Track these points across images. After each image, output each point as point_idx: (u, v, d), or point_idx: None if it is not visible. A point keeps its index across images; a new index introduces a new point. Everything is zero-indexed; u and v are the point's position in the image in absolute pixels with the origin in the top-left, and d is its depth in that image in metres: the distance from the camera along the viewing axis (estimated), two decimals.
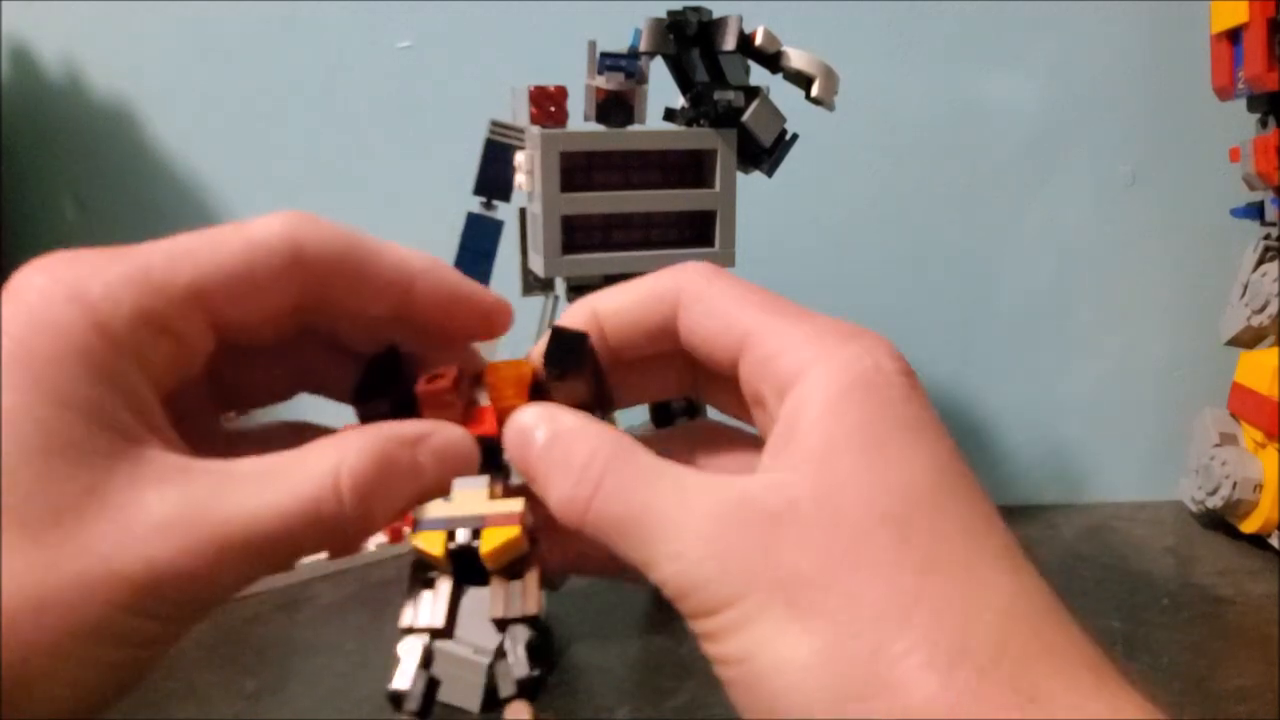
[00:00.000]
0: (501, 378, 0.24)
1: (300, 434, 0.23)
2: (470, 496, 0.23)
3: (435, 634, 0.23)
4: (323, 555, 0.61)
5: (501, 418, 0.24)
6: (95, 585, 0.17)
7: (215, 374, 0.22)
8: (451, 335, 0.24)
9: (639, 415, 0.57)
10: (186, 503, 0.18)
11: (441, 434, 0.22)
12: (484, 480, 0.23)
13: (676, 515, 0.20)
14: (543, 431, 0.22)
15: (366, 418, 0.23)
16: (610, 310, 0.25)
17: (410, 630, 0.23)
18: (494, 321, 0.25)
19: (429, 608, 0.23)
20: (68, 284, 0.18)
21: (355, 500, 0.19)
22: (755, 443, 0.24)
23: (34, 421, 0.17)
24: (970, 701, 0.17)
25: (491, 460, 0.24)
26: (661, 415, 0.54)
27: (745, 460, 0.24)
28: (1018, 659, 0.17)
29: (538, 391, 0.25)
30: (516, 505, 0.22)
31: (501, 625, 0.23)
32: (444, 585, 0.23)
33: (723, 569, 0.19)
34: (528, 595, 0.23)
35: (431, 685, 0.23)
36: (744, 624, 0.18)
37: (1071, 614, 0.19)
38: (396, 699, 0.22)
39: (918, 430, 0.20)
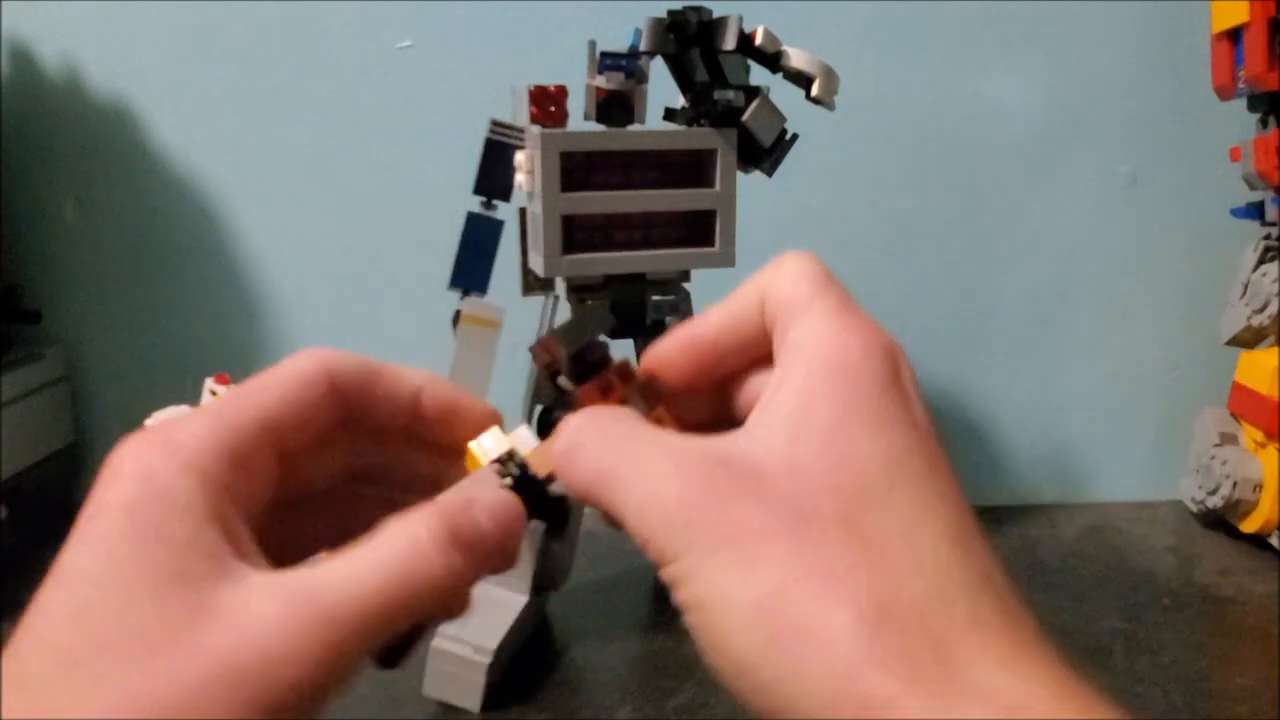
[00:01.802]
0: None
1: None
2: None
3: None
4: None
5: None
6: (215, 685, 0.18)
7: (272, 529, 0.24)
8: (452, 439, 0.26)
9: None
10: (289, 598, 0.19)
11: (483, 498, 0.23)
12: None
13: (645, 471, 0.22)
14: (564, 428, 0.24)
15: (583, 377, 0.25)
16: (725, 316, 0.26)
17: None
18: (485, 425, 0.26)
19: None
20: (160, 441, 0.21)
21: (442, 560, 0.21)
22: None
23: (145, 561, 0.19)
24: (889, 658, 0.18)
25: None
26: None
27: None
28: (941, 626, 0.19)
29: None
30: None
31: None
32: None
33: (684, 520, 0.21)
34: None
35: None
36: (696, 571, 0.20)
37: (1028, 596, 0.21)
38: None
39: (886, 417, 0.22)
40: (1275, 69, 0.63)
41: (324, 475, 0.26)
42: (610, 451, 0.23)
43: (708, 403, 0.27)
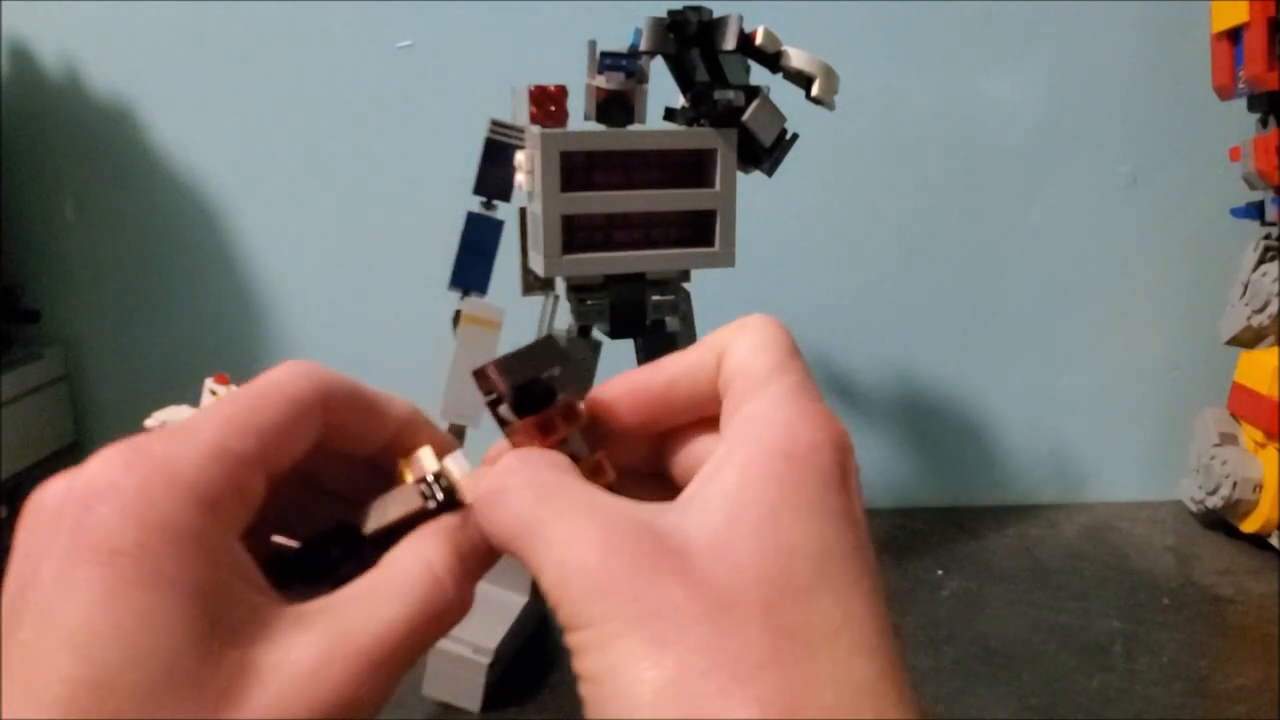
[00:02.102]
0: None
1: None
2: None
3: None
4: None
5: None
6: None
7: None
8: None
9: None
10: (326, 643, 0.20)
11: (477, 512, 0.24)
12: None
13: (571, 531, 0.21)
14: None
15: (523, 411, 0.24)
16: (679, 369, 0.25)
17: None
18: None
19: None
20: (163, 473, 0.19)
21: (454, 582, 0.22)
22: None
23: (178, 616, 0.18)
24: None
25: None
26: None
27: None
28: None
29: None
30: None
31: None
32: None
33: (601, 589, 0.20)
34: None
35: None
36: (605, 643, 0.19)
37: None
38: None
39: (826, 512, 0.21)
40: (1275, 69, 0.63)
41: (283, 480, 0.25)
42: (537, 505, 0.22)
43: (647, 453, 0.26)
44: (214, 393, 0.50)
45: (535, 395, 0.24)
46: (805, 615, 0.20)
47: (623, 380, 0.25)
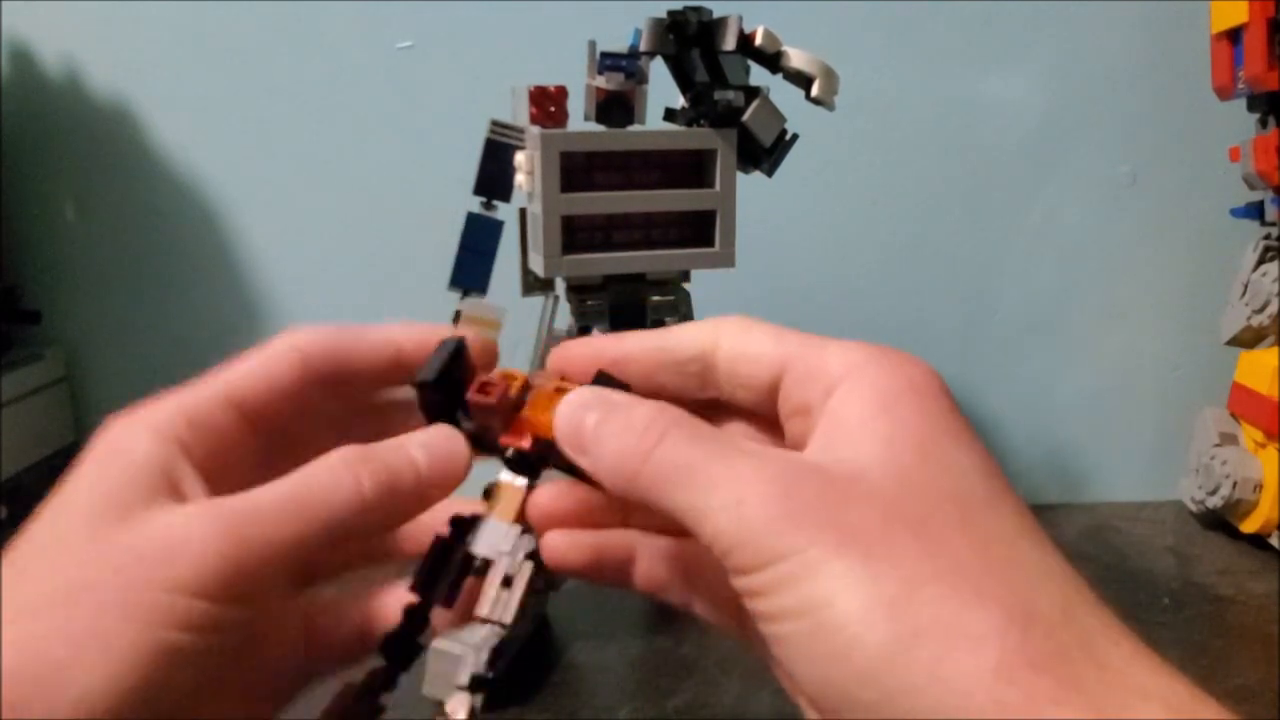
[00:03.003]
0: (539, 394, 0.26)
1: None
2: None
3: None
4: None
5: (533, 431, 0.25)
6: (124, 567, 0.20)
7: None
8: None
9: None
10: (196, 509, 0.22)
11: (420, 433, 0.25)
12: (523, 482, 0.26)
13: (739, 469, 0.20)
14: (599, 409, 0.23)
15: (424, 402, 0.25)
16: (646, 347, 0.26)
17: None
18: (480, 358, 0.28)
19: None
20: (133, 410, 0.25)
21: (345, 469, 0.23)
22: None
23: (91, 493, 0.22)
24: (1043, 659, 0.17)
25: (525, 466, 0.26)
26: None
27: None
28: (1083, 631, 0.18)
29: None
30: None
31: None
32: None
33: (787, 516, 0.19)
34: (510, 603, 0.24)
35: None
36: (806, 575, 0.19)
37: None
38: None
39: (965, 438, 0.21)
40: (1275, 69, 0.63)
41: (319, 445, 0.26)
42: (694, 446, 0.21)
43: None
44: None
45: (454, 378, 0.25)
46: (998, 524, 0.20)
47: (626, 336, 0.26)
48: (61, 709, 0.18)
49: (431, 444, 0.24)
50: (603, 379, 0.25)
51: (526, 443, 0.25)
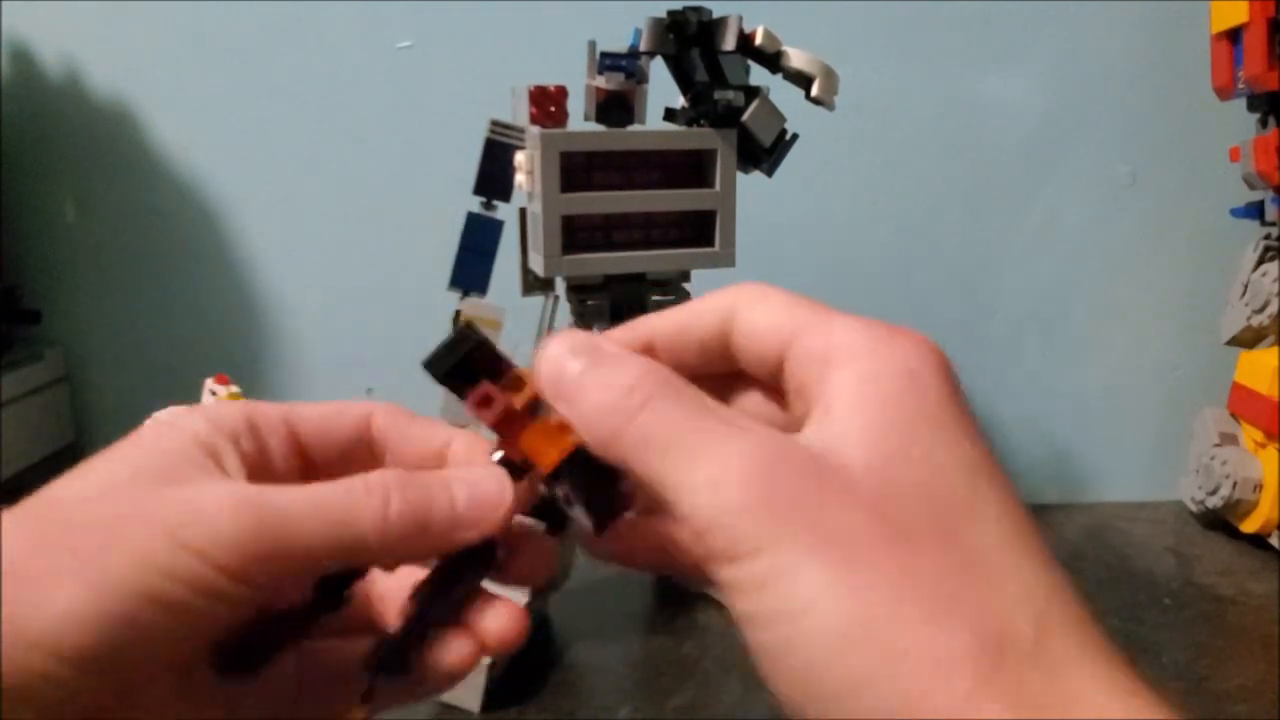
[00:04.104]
0: (544, 426, 0.24)
1: None
2: None
3: None
4: None
5: (533, 460, 0.24)
6: (156, 528, 0.21)
7: None
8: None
9: None
10: (231, 490, 0.22)
11: (467, 472, 0.24)
12: None
13: (722, 443, 0.19)
14: (585, 357, 0.22)
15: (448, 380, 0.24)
16: (668, 328, 0.25)
17: None
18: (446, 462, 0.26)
19: None
20: (200, 407, 0.25)
21: (370, 496, 0.22)
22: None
23: (139, 461, 0.23)
24: (1010, 688, 0.17)
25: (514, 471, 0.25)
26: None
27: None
28: (1054, 655, 0.18)
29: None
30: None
31: None
32: None
33: (766, 504, 0.19)
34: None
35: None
36: (782, 576, 0.18)
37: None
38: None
39: (956, 428, 0.20)
40: (1275, 69, 0.63)
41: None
42: (683, 415, 0.20)
43: None
44: (214, 393, 0.51)
45: (466, 378, 0.24)
46: (977, 533, 0.19)
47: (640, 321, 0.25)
48: (45, 617, 0.19)
49: (476, 485, 0.23)
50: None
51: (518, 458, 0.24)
